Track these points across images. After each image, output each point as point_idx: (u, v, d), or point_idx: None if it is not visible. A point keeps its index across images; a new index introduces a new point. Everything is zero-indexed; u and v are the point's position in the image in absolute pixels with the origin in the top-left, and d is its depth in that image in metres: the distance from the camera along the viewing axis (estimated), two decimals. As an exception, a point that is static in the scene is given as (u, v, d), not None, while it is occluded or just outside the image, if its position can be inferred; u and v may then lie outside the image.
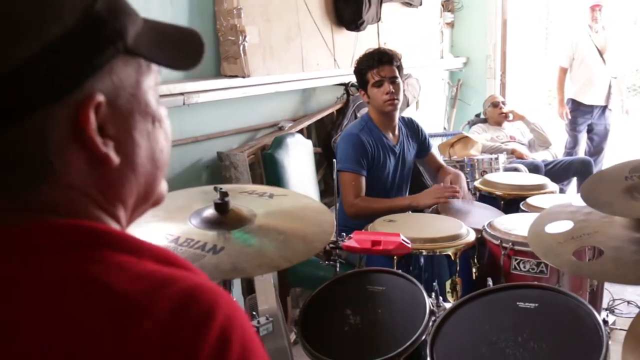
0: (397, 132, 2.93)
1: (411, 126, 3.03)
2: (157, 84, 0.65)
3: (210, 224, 1.53)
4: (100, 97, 0.57)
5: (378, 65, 2.75)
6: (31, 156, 0.55)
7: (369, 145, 2.78)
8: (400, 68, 2.82)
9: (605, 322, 1.34)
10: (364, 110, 3.78)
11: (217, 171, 3.02)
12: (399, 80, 2.79)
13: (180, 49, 0.66)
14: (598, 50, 5.25)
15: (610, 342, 1.34)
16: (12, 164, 0.55)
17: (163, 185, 0.69)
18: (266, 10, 3.15)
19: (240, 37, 2.93)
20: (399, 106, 2.83)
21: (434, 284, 1.69)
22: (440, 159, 3.21)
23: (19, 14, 0.53)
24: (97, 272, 0.54)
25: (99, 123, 0.57)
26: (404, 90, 2.87)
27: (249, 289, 2.43)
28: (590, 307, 1.39)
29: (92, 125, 0.56)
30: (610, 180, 1.55)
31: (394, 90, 2.75)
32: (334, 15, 3.73)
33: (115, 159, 0.59)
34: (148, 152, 0.64)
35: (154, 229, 1.49)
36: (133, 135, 0.61)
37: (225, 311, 0.55)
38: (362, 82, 2.83)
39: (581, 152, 5.48)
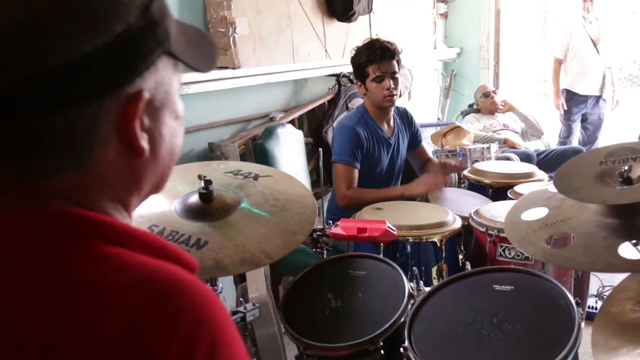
0: (392, 123, 2.92)
1: (405, 117, 3.02)
2: (180, 82, 0.68)
3: (194, 213, 1.55)
4: (147, 94, 0.60)
5: (380, 60, 2.70)
6: (76, 142, 0.57)
7: (365, 139, 2.76)
8: (399, 62, 2.78)
9: (578, 303, 1.37)
10: (355, 101, 3.79)
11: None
12: (398, 75, 2.77)
13: (202, 51, 0.70)
14: (592, 40, 5.26)
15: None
16: (53, 148, 0.56)
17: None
18: (256, 2, 3.15)
19: (230, 29, 2.94)
20: (396, 100, 2.81)
21: (414, 268, 1.71)
22: (429, 152, 3.19)
23: (90, 7, 0.56)
24: (81, 262, 0.55)
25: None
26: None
27: (240, 277, 2.46)
28: (564, 289, 1.41)
29: (138, 119, 0.60)
30: (586, 165, 1.55)
31: (394, 86, 2.73)
32: (325, 6, 3.73)
33: (147, 151, 0.62)
34: (169, 146, 0.67)
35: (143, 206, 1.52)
36: (161, 130, 0.65)
37: (198, 311, 0.55)
38: (361, 75, 2.77)
39: (575, 141, 5.51)
